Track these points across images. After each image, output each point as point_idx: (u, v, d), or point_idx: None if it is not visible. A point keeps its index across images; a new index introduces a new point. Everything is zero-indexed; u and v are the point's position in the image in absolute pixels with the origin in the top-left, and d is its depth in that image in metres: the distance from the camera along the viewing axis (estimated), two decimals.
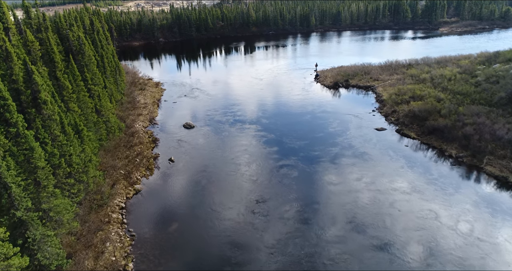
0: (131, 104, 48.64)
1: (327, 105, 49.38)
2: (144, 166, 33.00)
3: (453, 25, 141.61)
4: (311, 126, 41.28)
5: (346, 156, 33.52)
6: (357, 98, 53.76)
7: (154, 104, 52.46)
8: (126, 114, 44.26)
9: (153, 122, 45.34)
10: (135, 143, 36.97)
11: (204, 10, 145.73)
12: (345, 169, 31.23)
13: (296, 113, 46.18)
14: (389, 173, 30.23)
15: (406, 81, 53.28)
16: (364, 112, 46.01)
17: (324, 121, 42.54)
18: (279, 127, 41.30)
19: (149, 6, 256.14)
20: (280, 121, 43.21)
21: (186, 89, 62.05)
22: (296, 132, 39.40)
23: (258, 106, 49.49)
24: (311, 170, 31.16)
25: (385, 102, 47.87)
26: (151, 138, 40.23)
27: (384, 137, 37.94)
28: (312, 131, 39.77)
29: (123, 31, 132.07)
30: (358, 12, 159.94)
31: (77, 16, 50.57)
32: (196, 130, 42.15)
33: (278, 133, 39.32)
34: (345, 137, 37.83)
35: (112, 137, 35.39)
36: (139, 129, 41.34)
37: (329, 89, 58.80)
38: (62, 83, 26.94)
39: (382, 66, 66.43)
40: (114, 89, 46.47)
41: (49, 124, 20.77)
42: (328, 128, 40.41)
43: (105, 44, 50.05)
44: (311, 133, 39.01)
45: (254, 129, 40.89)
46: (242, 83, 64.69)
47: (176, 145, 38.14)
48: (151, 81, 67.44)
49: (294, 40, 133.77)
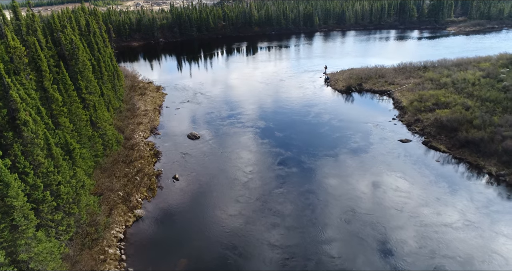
0: (130, 112, 44.93)
1: (343, 113, 45.62)
2: (145, 186, 29.32)
3: (461, 24, 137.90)
4: (331, 141, 36.91)
5: (377, 179, 29.46)
6: (373, 104, 50.09)
7: (155, 111, 48.75)
8: (125, 124, 40.56)
9: (155, 132, 41.64)
10: (135, 158, 33.29)
11: (205, 10, 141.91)
12: (380, 195, 26.93)
13: (312, 124, 42.04)
14: (430, 199, 25.85)
15: (426, 86, 49.63)
16: (383, 121, 42.34)
17: (344, 134, 38.42)
18: (295, 142, 36.94)
19: (148, 5, 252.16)
20: (295, 135, 38.86)
21: (189, 94, 58.35)
22: (315, 149, 35.17)
23: (268, 115, 45.52)
24: (342, 199, 26.81)
25: (405, 110, 44.21)
26: (152, 150, 36.56)
27: (411, 150, 34.27)
28: (333, 146, 35.41)
29: (122, 31, 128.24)
30: (362, 11, 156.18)
31: (72, 16, 46.83)
32: (201, 142, 38.46)
33: (295, 150, 34.95)
34: (371, 153, 33.77)
35: (109, 152, 31.71)
36: (139, 141, 37.65)
37: (342, 94, 55.12)
38: (51, 95, 23.26)
39: (396, 68, 62.76)
40: (112, 96, 42.77)
41: (31, 150, 17.09)
42: (350, 142, 36.37)
43: (102, 46, 46.32)
44: (332, 150, 34.67)
45: (267, 144, 36.65)
46: (247, 88, 60.99)
47: (180, 159, 34.46)
48: (151, 85, 63.73)
49: (298, 40, 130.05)
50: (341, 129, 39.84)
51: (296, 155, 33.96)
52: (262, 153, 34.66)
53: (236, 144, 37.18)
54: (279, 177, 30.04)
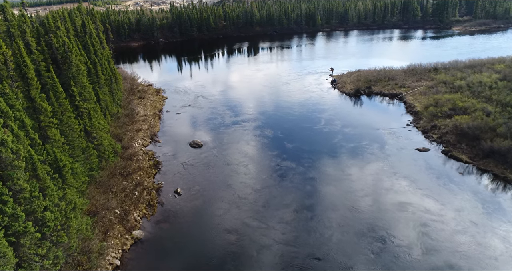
0: (128, 118, 42.48)
1: (354, 119, 43.06)
2: (145, 202, 26.88)
3: (466, 24, 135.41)
4: (346, 153, 33.84)
5: (403, 199, 26.62)
6: (384, 108, 47.64)
7: (155, 116, 46.29)
8: (123, 131, 38.12)
9: (155, 139, 39.20)
10: (134, 169, 30.83)
11: (206, 9, 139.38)
12: (410, 220, 23.92)
13: (323, 133, 39.04)
14: (466, 224, 23.07)
15: (440, 89, 47.17)
16: (397, 127, 39.89)
17: (359, 144, 35.51)
18: (307, 154, 33.74)
19: (148, 5, 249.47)
20: (307, 146, 35.68)
21: (190, 97, 55.89)
22: (330, 162, 32.46)
23: (275, 123, 42.76)
24: (370, 226, 23.83)
25: (420, 115, 41.77)
26: (152, 160, 34.11)
27: (430, 161, 31.80)
28: (350, 160, 32.37)
29: (121, 31, 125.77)
30: (365, 11, 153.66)
31: (67, 17, 44.35)
32: (204, 151, 36.02)
33: (308, 164, 31.77)
34: (390, 166, 31.04)
35: (105, 164, 29.26)
36: (138, 150, 35.19)
37: (350, 98, 52.67)
38: (38, 105, 20.81)
39: (405, 70, 60.30)
40: (109, 101, 40.33)
41: (10, 174, 14.65)
42: (366, 154, 33.64)
43: (99, 48, 43.85)
44: (348, 164, 31.71)
45: (276, 156, 33.64)
46: (250, 91, 58.53)
47: (182, 171, 32.00)
48: (151, 88, 61.27)
49: (300, 40, 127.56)
50: (355, 138, 37.15)
51: (310, 170, 30.98)
52: (272, 167, 31.70)
53: (242, 154, 34.59)
54: (292, 198, 27.22)
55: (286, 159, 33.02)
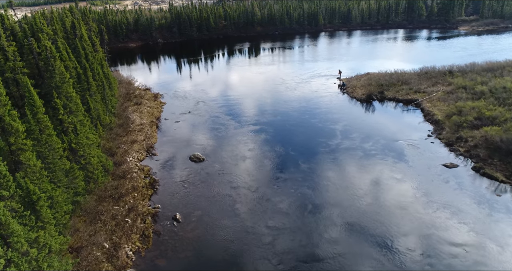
0: (123, 128, 38.87)
1: (370, 129, 39.30)
2: (139, 231, 23.30)
3: (473, 23, 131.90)
4: (370, 172, 29.85)
5: (442, 234, 22.49)
6: (400, 116, 44.06)
7: (153, 125, 42.68)
8: (116, 144, 34.51)
9: (151, 152, 35.60)
10: (127, 190, 27.24)
11: (206, 9, 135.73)
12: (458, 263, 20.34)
13: (340, 149, 34.61)
14: None
15: (460, 95, 43.61)
16: (418, 138, 36.32)
17: (382, 160, 31.63)
18: (326, 178, 29.30)
19: (147, 4, 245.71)
20: (323, 166, 31.20)
21: (190, 103, 52.30)
22: (347, 181, 28.91)
23: (284, 135, 38.69)
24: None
25: (442, 124, 38.23)
26: (148, 178, 30.51)
27: (461, 180, 28.22)
28: (375, 182, 28.51)
29: (118, 32, 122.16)
30: (369, 10, 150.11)
31: (55, 17, 40.68)
32: (206, 166, 32.43)
33: (327, 189, 27.71)
34: (418, 186, 27.33)
35: (94, 186, 25.67)
36: (132, 166, 31.59)
37: (362, 104, 49.11)
38: (7, 125, 17.22)
39: (418, 73, 56.75)
40: (102, 110, 36.72)
41: None
42: (392, 171, 29.92)
43: (91, 51, 40.23)
44: (374, 188, 28.08)
45: (289, 179, 29.41)
46: (254, 97, 54.90)
47: (181, 191, 28.40)
48: (148, 92, 57.65)
49: (302, 40, 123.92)
50: (377, 154, 33.10)
51: (332, 198, 26.89)
52: (284, 193, 27.57)
53: (249, 174, 30.73)
54: (314, 236, 23.36)
55: (301, 183, 28.93)
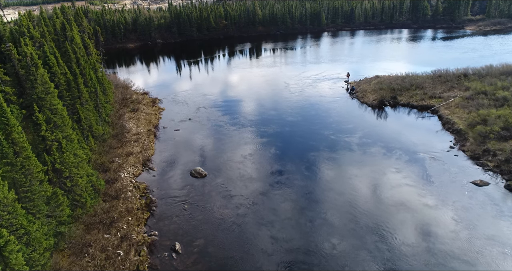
0: (117, 139, 35.79)
1: (388, 139, 35.97)
2: (132, 266, 20.19)
3: (480, 23, 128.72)
4: (395, 194, 26.53)
5: None
6: (417, 124, 40.92)
7: (150, 134, 39.59)
8: (109, 158, 31.43)
9: (148, 166, 32.51)
10: (120, 214, 24.18)
11: (206, 8, 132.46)
12: None
13: (359, 166, 31.24)
14: None
15: (481, 101, 40.54)
16: (439, 150, 33.24)
17: (404, 179, 28.41)
18: (342, 197, 26.26)
19: (146, 4, 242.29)
20: (341, 185, 27.86)
21: (190, 108, 49.20)
22: (363, 200, 26.09)
23: (295, 149, 34.95)
24: None
25: (464, 135, 35.17)
26: (144, 197, 27.43)
27: (496, 201, 25.14)
28: (404, 207, 25.28)
29: (116, 32, 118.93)
30: (373, 9, 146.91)
31: (42, 18, 37.60)
32: (208, 182, 29.36)
33: (340, 204, 24.95)
34: (453, 211, 23.90)
35: (81, 212, 22.59)
36: (127, 184, 28.53)
37: (373, 110, 46.02)
38: None
39: (431, 77, 53.65)
40: (94, 119, 33.63)
41: None
42: (419, 188, 27.10)
43: (83, 55, 37.14)
44: (400, 214, 25.06)
45: (302, 199, 26.39)
46: (257, 103, 51.72)
47: (181, 214, 25.34)
48: (146, 97, 54.55)
49: (305, 41, 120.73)
50: (400, 169, 29.89)
51: (358, 235, 23.85)
52: (304, 225, 24.14)
53: (259, 192, 27.53)
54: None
55: (320, 211, 25.57)
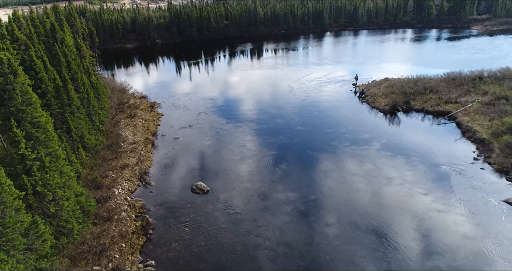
0: (112, 150, 32.97)
1: (406, 149, 33.07)
2: None
3: (487, 23, 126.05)
4: (424, 218, 23.77)
5: None
6: (434, 132, 38.11)
7: (148, 143, 36.78)
8: (102, 172, 28.62)
9: (145, 181, 29.68)
10: (112, 239, 21.38)
11: (206, 8, 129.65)
12: None
13: (382, 184, 28.90)
14: None
15: (503, 107, 37.79)
16: (463, 163, 30.45)
17: (430, 197, 25.76)
18: (363, 220, 23.67)
19: (145, 3, 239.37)
20: (360, 207, 25.08)
21: (191, 114, 46.39)
22: (387, 221, 23.63)
23: (305, 161, 31.83)
24: None
25: (489, 145, 32.39)
26: (140, 218, 24.62)
27: None
28: (434, 232, 22.69)
29: (114, 32, 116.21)
30: (376, 9, 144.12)
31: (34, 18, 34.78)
32: (211, 200, 26.56)
33: (367, 241, 22.01)
34: (493, 242, 21.29)
35: (66, 241, 19.77)
36: (121, 202, 25.73)
37: (385, 115, 43.25)
38: None
39: (445, 79, 50.81)
40: (86, 128, 30.82)
41: None
42: (450, 209, 24.41)
43: (74, 58, 34.33)
44: (432, 241, 22.56)
45: (316, 220, 23.68)
46: (261, 108, 48.86)
47: (182, 239, 22.51)
48: (144, 101, 51.78)
49: (307, 41, 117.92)
50: (423, 184, 27.50)
51: (367, 242, 21.83)
52: (322, 251, 22.14)
53: (269, 217, 24.61)
54: None
55: (338, 236, 23.01)
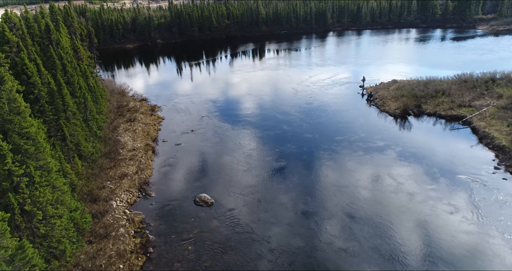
0: (110, 157, 31.19)
1: (423, 157, 30.99)
2: None
3: (493, 22, 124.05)
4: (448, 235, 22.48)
5: None
6: (449, 138, 36.18)
7: (148, 150, 34.99)
8: (99, 183, 26.85)
9: (145, 192, 27.90)
10: (109, 260, 19.57)
11: (208, 7, 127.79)
12: None
13: (398, 195, 27.73)
14: None
15: None
16: (484, 173, 28.60)
17: (459, 217, 23.81)
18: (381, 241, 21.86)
19: (146, 3, 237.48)
20: (378, 224, 23.16)
21: (193, 118, 44.61)
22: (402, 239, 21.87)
23: (317, 169, 30.27)
24: None
25: (509, 152, 30.55)
26: (139, 235, 22.83)
27: None
28: None
29: (115, 32, 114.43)
30: (380, 8, 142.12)
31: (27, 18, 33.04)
32: (216, 214, 24.76)
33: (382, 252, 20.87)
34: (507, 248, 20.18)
35: (58, 263, 17.99)
36: (119, 216, 23.94)
37: (396, 120, 41.43)
38: None
39: (456, 81, 48.91)
40: (83, 136, 29.04)
41: None
42: (478, 230, 22.79)
43: (71, 61, 32.55)
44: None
45: (331, 237, 22.08)
46: (265, 112, 47.01)
47: (185, 260, 20.66)
48: (144, 104, 49.98)
49: (310, 41, 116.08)
50: (454, 203, 25.79)
51: None
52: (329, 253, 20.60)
53: (281, 235, 22.66)
54: None
55: (352, 260, 21.52)
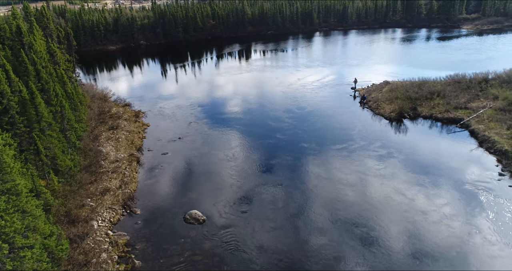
0: (91, 171, 28.65)
1: (426, 165, 29.50)
2: None
3: (477, 22, 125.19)
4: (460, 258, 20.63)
5: None
6: (448, 142, 34.97)
7: (132, 160, 32.53)
8: (78, 201, 24.36)
9: (130, 209, 25.55)
10: None
11: (192, 7, 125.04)
12: None
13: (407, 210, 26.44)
14: None
15: None
16: (488, 179, 27.37)
17: (480, 239, 23.04)
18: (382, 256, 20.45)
19: (128, 3, 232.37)
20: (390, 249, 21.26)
21: (180, 124, 42.31)
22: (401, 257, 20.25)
23: (312, 183, 28.49)
24: None
25: (510, 157, 29.45)
26: (123, 260, 20.52)
27: None
28: None
29: (96, 33, 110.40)
30: (366, 8, 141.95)
31: None
32: (208, 233, 22.65)
33: None
34: None
35: None
36: (101, 239, 21.56)
37: (391, 123, 40.11)
38: None
39: (449, 82, 48.04)
40: (60, 148, 26.49)
41: None
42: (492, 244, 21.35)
43: (46, 66, 29.86)
44: None
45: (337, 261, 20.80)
46: (258, 120, 45.12)
47: None
48: (128, 109, 47.35)
49: (297, 41, 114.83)
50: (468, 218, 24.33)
51: None
52: None
53: (282, 258, 21.01)
54: None
55: None
